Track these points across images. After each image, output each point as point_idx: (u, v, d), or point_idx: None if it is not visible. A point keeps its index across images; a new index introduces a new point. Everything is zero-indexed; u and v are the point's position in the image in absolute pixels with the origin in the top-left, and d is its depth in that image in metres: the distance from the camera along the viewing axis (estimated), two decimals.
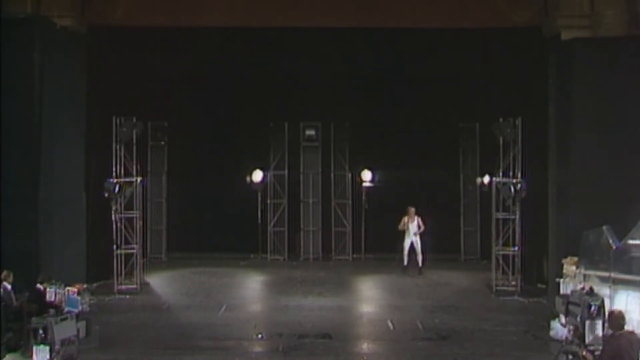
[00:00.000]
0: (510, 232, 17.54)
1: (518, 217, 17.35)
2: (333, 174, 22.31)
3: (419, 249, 19.83)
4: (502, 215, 17.74)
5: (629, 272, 13.14)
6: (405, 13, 17.64)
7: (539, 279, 17.94)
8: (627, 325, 10.12)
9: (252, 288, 19.53)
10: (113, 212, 17.41)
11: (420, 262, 19.89)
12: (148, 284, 18.60)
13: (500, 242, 17.72)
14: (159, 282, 19.19)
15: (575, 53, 16.06)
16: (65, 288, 12.85)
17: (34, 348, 11.07)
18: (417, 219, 19.85)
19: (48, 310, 12.21)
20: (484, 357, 13.24)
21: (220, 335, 14.39)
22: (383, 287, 19.27)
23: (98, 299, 16.40)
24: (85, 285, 14.73)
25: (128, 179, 17.60)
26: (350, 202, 22.24)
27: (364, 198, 21.99)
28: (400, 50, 19.32)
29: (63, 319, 11.62)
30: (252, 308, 17.20)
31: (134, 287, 17.77)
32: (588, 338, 11.13)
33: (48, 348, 11.07)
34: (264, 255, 22.03)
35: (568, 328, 11.91)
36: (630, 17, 15.95)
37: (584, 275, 14.14)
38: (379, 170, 22.16)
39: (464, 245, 22.14)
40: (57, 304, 12.62)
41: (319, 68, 20.27)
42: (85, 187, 17.65)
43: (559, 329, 13.31)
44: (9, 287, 13.59)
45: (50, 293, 12.87)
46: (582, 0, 16.22)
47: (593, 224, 14.26)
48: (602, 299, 11.88)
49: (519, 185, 16.92)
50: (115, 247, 17.59)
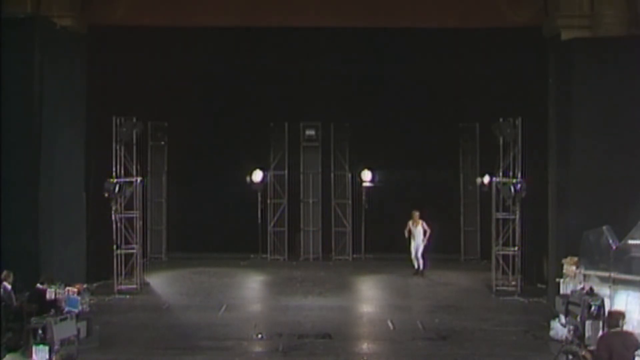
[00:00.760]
0: (510, 232, 17.53)
1: (518, 217, 17.35)
2: (333, 174, 22.32)
3: (420, 254, 19.77)
4: (502, 215, 17.74)
5: (629, 272, 13.13)
6: (405, 13, 17.64)
7: (539, 279, 17.94)
8: (627, 326, 10.13)
9: (252, 288, 19.54)
10: (113, 212, 17.41)
11: (421, 265, 19.85)
12: (148, 284, 18.60)
13: (500, 242, 17.72)
14: (159, 282, 19.19)
15: (575, 53, 16.07)
16: (65, 288, 12.86)
17: (33, 348, 11.08)
18: (421, 223, 19.82)
19: (48, 310, 12.22)
20: (484, 357, 13.23)
21: (220, 335, 14.38)
22: (383, 287, 19.29)
23: (98, 299, 16.43)
24: (85, 285, 14.75)
25: (128, 179, 17.60)
26: (350, 202, 22.25)
27: (364, 198, 22.00)
28: (400, 50, 19.33)
29: (63, 319, 11.65)
30: (252, 308, 17.20)
31: (134, 287, 17.77)
32: (588, 338, 11.15)
33: (47, 348, 11.10)
34: (264, 255, 22.04)
35: (568, 328, 11.94)
36: (630, 17, 15.95)
37: (584, 275, 14.13)
38: (379, 170, 22.18)
39: (464, 245, 22.14)
40: (57, 304, 12.62)
41: (319, 68, 20.28)
42: (85, 187, 17.65)
43: (559, 329, 13.31)
44: (9, 287, 13.59)
45: (51, 293, 12.87)
46: (582, 0, 16.22)
47: (593, 224, 14.25)
48: (602, 299, 11.92)
49: (519, 185, 16.92)
50: (115, 247, 17.58)
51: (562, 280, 14.91)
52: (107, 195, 17.18)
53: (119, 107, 18.07)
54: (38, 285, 13.51)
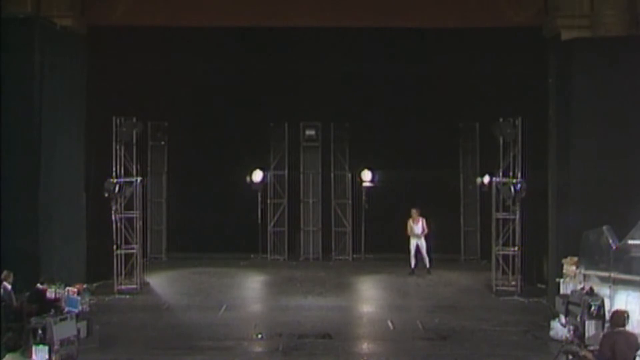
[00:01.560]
0: (510, 232, 17.54)
1: (518, 217, 17.35)
2: (333, 174, 22.30)
3: (424, 251, 19.83)
4: (502, 215, 17.74)
5: (629, 272, 13.13)
6: (405, 13, 17.62)
7: (539, 279, 17.94)
8: (627, 325, 10.13)
9: (252, 288, 19.55)
10: (113, 212, 17.42)
11: (427, 263, 19.91)
12: (148, 284, 18.60)
13: (500, 242, 17.72)
14: (159, 282, 19.19)
15: (575, 53, 16.06)
16: (65, 288, 12.85)
17: (33, 348, 11.07)
18: (421, 221, 19.86)
19: (48, 310, 12.21)
20: (484, 357, 13.24)
21: (220, 335, 14.39)
22: (383, 287, 19.29)
23: (98, 299, 16.44)
24: (85, 285, 14.76)
25: (128, 179, 17.59)
26: (350, 202, 22.23)
27: (364, 198, 21.98)
28: (401, 50, 19.32)
29: (63, 319, 11.63)
30: (252, 308, 17.20)
31: (134, 287, 17.77)
32: (588, 338, 11.15)
33: (47, 348, 11.08)
34: (264, 255, 22.03)
35: (568, 328, 11.93)
36: (630, 17, 15.95)
37: (584, 275, 14.13)
38: (379, 170, 22.15)
39: (464, 245, 22.12)
40: (57, 304, 12.61)
41: (319, 68, 20.25)
42: (85, 187, 17.65)
43: (559, 329, 13.30)
44: (9, 287, 13.59)
45: (51, 293, 12.87)
46: (582, 0, 16.21)
47: (593, 224, 14.24)
48: (602, 299, 11.90)
49: (519, 185, 16.92)
50: (115, 247, 17.58)
51: (562, 280, 14.92)
52: (107, 195, 17.19)
53: (119, 107, 18.08)
54: (38, 285, 13.51)
